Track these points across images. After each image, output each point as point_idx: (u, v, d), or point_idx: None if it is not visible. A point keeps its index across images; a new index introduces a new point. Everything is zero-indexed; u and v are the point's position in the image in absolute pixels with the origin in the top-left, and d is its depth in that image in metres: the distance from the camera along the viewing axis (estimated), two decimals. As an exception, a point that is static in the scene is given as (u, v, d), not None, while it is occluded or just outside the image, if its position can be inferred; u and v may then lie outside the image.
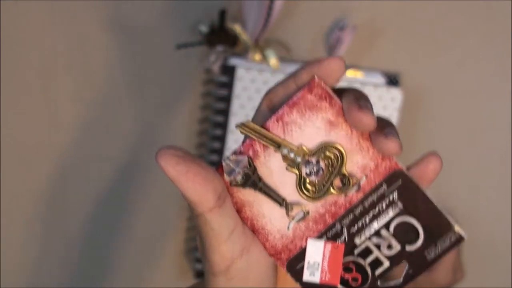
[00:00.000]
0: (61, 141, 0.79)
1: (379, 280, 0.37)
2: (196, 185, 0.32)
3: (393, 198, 0.36)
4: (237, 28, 0.74)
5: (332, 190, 0.35)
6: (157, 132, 0.80)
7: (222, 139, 0.76)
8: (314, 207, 0.36)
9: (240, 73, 0.74)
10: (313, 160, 0.35)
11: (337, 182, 0.35)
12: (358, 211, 0.36)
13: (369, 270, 0.37)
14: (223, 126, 0.75)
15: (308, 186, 0.36)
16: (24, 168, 0.80)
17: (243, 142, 0.35)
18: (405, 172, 0.36)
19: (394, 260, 0.36)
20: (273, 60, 0.75)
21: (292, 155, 0.35)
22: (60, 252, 0.81)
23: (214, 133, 0.76)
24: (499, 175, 0.81)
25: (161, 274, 0.83)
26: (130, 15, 0.76)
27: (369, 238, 0.36)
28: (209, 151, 0.77)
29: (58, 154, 0.79)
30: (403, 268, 0.36)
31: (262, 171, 0.35)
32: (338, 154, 0.35)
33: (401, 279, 0.37)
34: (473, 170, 0.81)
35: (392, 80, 0.76)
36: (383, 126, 0.35)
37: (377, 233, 0.36)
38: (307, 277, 0.36)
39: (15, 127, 0.79)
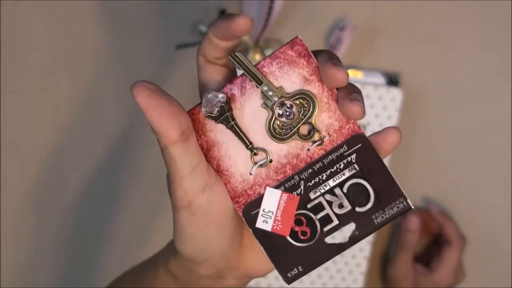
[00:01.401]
0: (60, 141, 0.79)
1: (326, 237, 0.38)
2: (162, 118, 0.35)
3: (351, 160, 0.38)
4: (237, 28, 0.74)
5: (297, 136, 0.37)
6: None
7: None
8: (277, 157, 0.38)
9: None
10: (288, 103, 0.37)
11: (303, 130, 0.37)
12: (317, 167, 0.38)
13: (318, 225, 0.38)
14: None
15: (276, 127, 0.37)
16: (22, 167, 0.80)
17: (224, 86, 0.38)
18: (366, 136, 0.38)
19: (343, 219, 0.38)
20: (273, 60, 0.75)
21: (270, 93, 0.37)
22: (54, 251, 0.81)
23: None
24: (499, 175, 0.81)
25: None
26: (130, 15, 0.76)
27: (323, 195, 0.38)
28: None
29: (55, 152, 0.79)
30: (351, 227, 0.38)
31: (236, 114, 0.38)
32: (311, 104, 0.37)
33: (347, 239, 0.38)
34: (473, 170, 0.81)
35: (392, 80, 0.77)
36: (351, 91, 0.37)
37: (331, 191, 0.38)
38: (259, 223, 0.38)
39: (11, 125, 0.79)
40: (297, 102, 0.37)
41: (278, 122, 0.37)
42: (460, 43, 0.78)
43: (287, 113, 0.37)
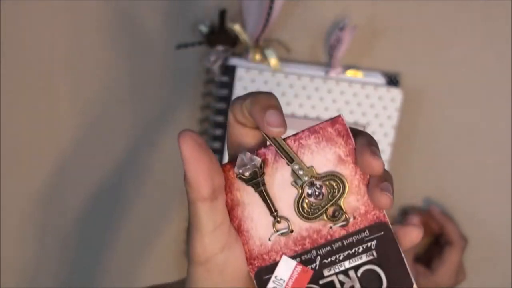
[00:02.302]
0: (60, 141, 0.79)
1: None
2: (200, 174, 0.35)
3: (370, 246, 0.38)
4: (237, 28, 0.74)
5: (324, 216, 0.38)
6: (157, 132, 0.80)
7: (222, 139, 0.75)
8: (298, 229, 0.38)
9: (240, 73, 0.74)
10: (318, 183, 0.38)
11: (330, 211, 0.38)
12: (336, 246, 0.38)
13: None
14: (223, 126, 0.75)
15: (305, 205, 0.38)
16: (23, 168, 0.80)
17: (259, 148, 0.38)
18: (389, 226, 0.38)
19: None
20: (273, 60, 0.75)
21: (301, 172, 0.37)
22: (57, 251, 0.81)
23: (214, 133, 0.76)
24: (499, 175, 0.81)
25: (161, 274, 0.83)
26: (130, 15, 0.76)
27: (337, 274, 0.38)
28: (209, 151, 0.76)
29: (58, 153, 0.79)
30: None
31: (267, 179, 0.38)
32: (342, 186, 0.38)
33: None
34: (473, 170, 0.81)
35: (392, 80, 0.76)
36: (383, 179, 0.37)
37: (345, 272, 0.38)
38: None
39: (14, 126, 0.79)
40: (327, 183, 0.38)
41: (306, 201, 0.38)
42: (460, 43, 0.78)
43: (316, 193, 0.38)
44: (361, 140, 0.37)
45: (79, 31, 0.76)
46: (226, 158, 0.75)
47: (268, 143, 0.38)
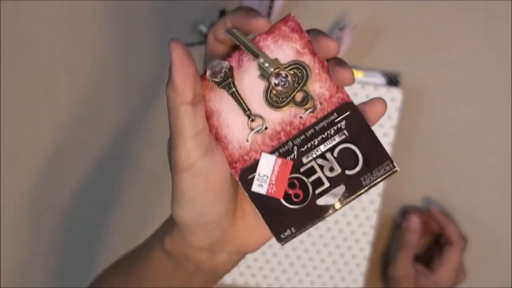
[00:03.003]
0: (60, 140, 0.79)
1: (318, 199, 0.41)
2: (186, 78, 0.38)
3: (340, 126, 0.40)
4: (237, 28, 0.74)
5: (292, 103, 0.40)
6: (157, 132, 0.80)
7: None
8: (272, 124, 0.41)
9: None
10: (283, 73, 0.40)
11: (298, 97, 0.40)
12: (309, 133, 0.41)
13: (310, 188, 0.41)
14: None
15: (273, 96, 0.40)
16: (21, 166, 0.80)
17: (227, 55, 0.41)
18: (354, 104, 0.40)
19: (334, 181, 0.41)
20: (273, 60, 0.75)
21: (266, 64, 0.40)
22: (57, 251, 0.81)
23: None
24: (499, 175, 0.81)
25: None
26: (130, 15, 0.76)
27: (315, 159, 0.41)
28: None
29: (57, 153, 0.79)
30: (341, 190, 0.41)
31: (237, 83, 0.40)
32: (305, 73, 0.40)
33: (339, 202, 0.41)
34: (473, 170, 0.81)
35: (392, 80, 0.77)
36: (340, 60, 0.40)
37: (323, 155, 0.41)
38: (255, 187, 0.40)
39: (11, 124, 0.79)
40: (291, 72, 0.40)
41: (274, 91, 0.40)
42: (460, 43, 0.78)
43: (283, 82, 0.40)
44: (313, 31, 0.40)
45: (79, 32, 0.76)
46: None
47: (234, 44, 0.40)
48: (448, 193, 0.82)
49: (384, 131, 0.76)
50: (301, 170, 0.40)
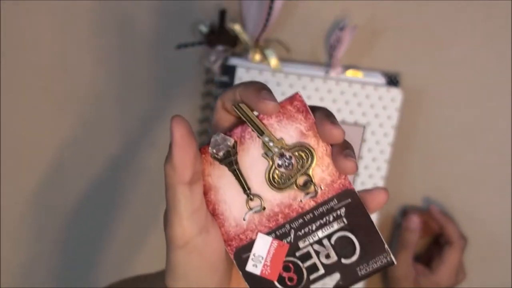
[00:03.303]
0: (60, 141, 0.79)
1: (311, 284, 0.40)
2: (187, 158, 0.37)
3: (340, 213, 0.40)
4: (237, 28, 0.74)
5: (295, 186, 0.40)
6: (157, 132, 0.80)
7: (222, 139, 0.75)
8: (270, 205, 0.40)
9: (240, 73, 0.74)
10: (287, 154, 0.39)
11: (300, 181, 0.40)
12: (307, 217, 0.40)
13: (305, 273, 0.40)
14: (223, 126, 0.75)
15: (276, 176, 0.40)
16: (22, 167, 0.80)
17: (231, 129, 0.40)
18: (356, 192, 0.40)
19: (329, 269, 0.40)
20: (273, 60, 0.75)
21: (271, 144, 0.39)
22: (56, 251, 0.81)
23: (214, 133, 0.76)
24: (499, 175, 0.81)
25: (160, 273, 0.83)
26: (129, 15, 0.76)
27: (312, 245, 0.40)
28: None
29: (58, 154, 0.79)
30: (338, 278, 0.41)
31: (239, 159, 0.40)
32: (310, 156, 0.40)
33: None
34: (473, 170, 0.81)
35: (392, 80, 0.77)
36: (345, 146, 0.39)
37: (320, 242, 0.40)
38: (249, 267, 0.40)
39: (12, 125, 0.79)
40: (296, 154, 0.39)
41: (277, 172, 0.40)
42: (460, 43, 0.78)
43: (286, 164, 0.39)
44: (319, 113, 0.39)
45: (79, 31, 0.76)
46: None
47: (239, 119, 0.40)
48: (448, 193, 0.82)
49: (384, 131, 0.76)
50: (297, 254, 0.40)
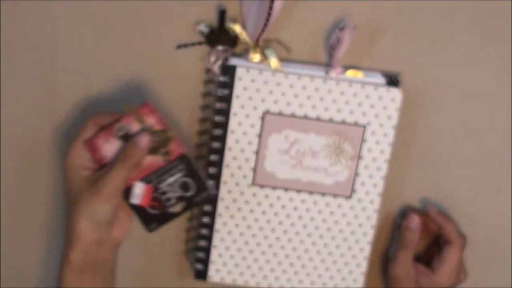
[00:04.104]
0: (60, 141, 0.79)
1: (168, 208, 0.71)
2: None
3: (181, 167, 0.70)
4: (237, 28, 0.74)
5: (158, 153, 0.69)
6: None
7: (222, 139, 0.76)
8: (143, 164, 0.70)
9: (240, 73, 0.74)
10: (156, 134, 0.70)
11: (162, 151, 0.69)
12: (163, 170, 0.70)
13: (164, 202, 0.71)
14: (224, 126, 0.75)
15: (151, 148, 0.69)
16: (22, 167, 0.80)
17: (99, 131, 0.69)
18: (187, 155, 0.70)
19: (178, 199, 0.71)
20: (273, 60, 0.75)
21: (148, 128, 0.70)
22: (57, 251, 0.81)
23: (214, 133, 0.76)
24: (499, 175, 0.81)
25: (161, 274, 0.83)
26: (130, 15, 0.76)
27: (167, 186, 0.70)
28: (209, 151, 0.77)
29: (57, 154, 0.79)
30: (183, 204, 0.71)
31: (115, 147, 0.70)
32: (168, 137, 0.70)
33: (180, 211, 0.71)
34: (473, 170, 0.81)
35: (392, 80, 0.76)
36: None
37: (171, 184, 0.70)
38: (131, 200, 0.70)
39: (15, 126, 0.79)
40: (160, 134, 0.69)
41: (152, 146, 0.69)
42: (460, 43, 0.78)
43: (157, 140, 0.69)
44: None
45: (78, 31, 0.76)
46: (226, 158, 0.75)
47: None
48: (448, 193, 0.82)
49: (384, 131, 0.76)
50: (159, 191, 0.70)
